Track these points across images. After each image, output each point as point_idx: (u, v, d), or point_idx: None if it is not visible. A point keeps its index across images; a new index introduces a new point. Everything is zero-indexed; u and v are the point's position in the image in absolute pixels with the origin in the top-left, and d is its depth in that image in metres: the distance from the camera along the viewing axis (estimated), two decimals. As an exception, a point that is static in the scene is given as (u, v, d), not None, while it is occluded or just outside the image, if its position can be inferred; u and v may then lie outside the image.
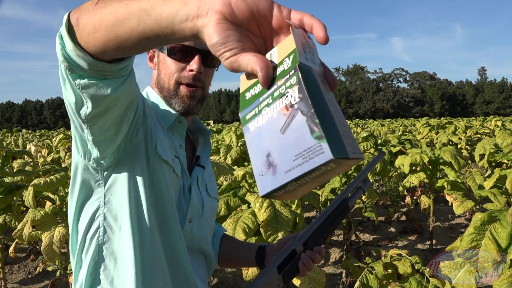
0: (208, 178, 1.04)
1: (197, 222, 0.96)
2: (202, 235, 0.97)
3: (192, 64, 0.90)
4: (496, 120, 11.35)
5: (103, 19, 0.52)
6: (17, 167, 4.05)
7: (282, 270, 0.89)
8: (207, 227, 0.99)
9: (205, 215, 0.98)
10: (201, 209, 0.97)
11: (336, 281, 3.62)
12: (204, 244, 0.99)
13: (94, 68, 0.59)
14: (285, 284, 0.90)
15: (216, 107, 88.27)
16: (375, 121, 30.59)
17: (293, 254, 0.91)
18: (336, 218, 0.97)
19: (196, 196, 0.96)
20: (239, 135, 4.43)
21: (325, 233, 0.97)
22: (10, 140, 10.82)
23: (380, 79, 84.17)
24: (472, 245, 1.58)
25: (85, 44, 0.56)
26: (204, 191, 1.00)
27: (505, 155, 3.57)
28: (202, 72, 0.91)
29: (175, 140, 0.94)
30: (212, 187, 1.04)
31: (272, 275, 0.87)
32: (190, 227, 0.93)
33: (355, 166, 3.76)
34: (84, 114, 0.67)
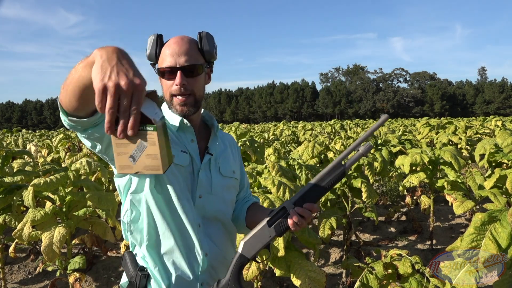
0: (222, 161, 1.30)
1: (207, 197, 1.22)
2: (214, 207, 1.24)
3: (176, 79, 1.14)
4: (496, 120, 11.35)
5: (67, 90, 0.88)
6: (17, 167, 4.05)
7: (272, 224, 1.08)
8: (218, 200, 1.25)
9: (214, 191, 1.24)
10: (209, 187, 1.23)
11: (336, 281, 3.62)
12: (219, 214, 1.26)
13: (84, 123, 0.95)
14: (277, 235, 1.09)
15: (216, 107, 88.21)
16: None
17: (284, 211, 1.09)
18: (330, 180, 1.07)
19: (204, 177, 1.22)
20: (239, 135, 4.43)
21: (317, 193, 1.08)
22: (10, 140, 10.81)
23: (380, 79, 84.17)
24: (472, 245, 1.58)
25: (70, 110, 0.91)
26: (216, 172, 1.26)
27: (505, 155, 3.56)
28: (185, 83, 1.14)
29: (187, 136, 1.23)
30: (226, 168, 1.30)
31: (262, 227, 1.09)
32: (201, 201, 1.21)
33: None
34: (98, 151, 1.08)
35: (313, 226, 4.98)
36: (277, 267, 2.13)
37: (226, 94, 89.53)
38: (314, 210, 1.08)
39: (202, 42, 1.17)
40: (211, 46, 1.18)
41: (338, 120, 22.56)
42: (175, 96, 1.16)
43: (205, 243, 1.21)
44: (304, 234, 2.41)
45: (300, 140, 9.45)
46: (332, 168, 1.07)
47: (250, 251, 1.09)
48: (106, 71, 0.76)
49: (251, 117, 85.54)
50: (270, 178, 2.40)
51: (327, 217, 3.12)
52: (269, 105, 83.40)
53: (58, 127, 45.62)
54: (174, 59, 1.14)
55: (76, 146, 6.98)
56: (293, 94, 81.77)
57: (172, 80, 1.15)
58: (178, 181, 1.16)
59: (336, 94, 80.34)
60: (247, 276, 2.05)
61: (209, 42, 1.18)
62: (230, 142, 1.41)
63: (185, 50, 1.15)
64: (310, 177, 3.49)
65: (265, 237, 1.08)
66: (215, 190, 1.24)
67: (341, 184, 3.47)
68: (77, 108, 0.90)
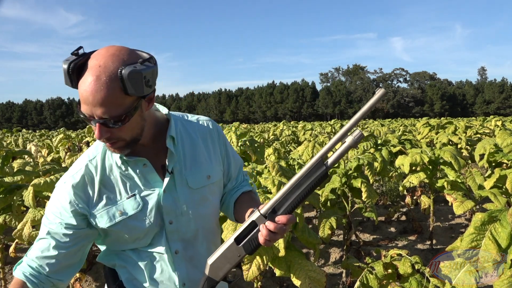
0: (191, 170, 1.14)
1: (178, 220, 1.12)
2: (190, 227, 1.14)
3: (95, 132, 0.96)
4: (496, 120, 11.35)
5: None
6: (17, 167, 4.05)
7: (241, 241, 0.94)
8: (193, 219, 1.13)
9: (185, 211, 1.12)
10: (177, 209, 1.11)
11: (336, 281, 3.62)
12: (198, 231, 1.16)
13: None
14: (248, 254, 0.96)
15: (216, 107, 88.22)
16: (375, 121, 30.59)
17: (254, 226, 0.93)
18: (309, 184, 0.88)
19: (169, 201, 1.10)
20: (239, 135, 4.43)
21: (293, 201, 0.90)
22: (10, 140, 10.81)
23: (380, 79, 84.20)
24: (472, 245, 1.58)
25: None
26: (183, 188, 1.12)
27: (505, 155, 3.57)
28: (108, 135, 0.96)
29: (137, 164, 1.07)
30: (196, 178, 1.14)
31: (230, 246, 0.95)
32: (174, 227, 1.11)
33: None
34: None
35: (313, 226, 4.98)
36: (277, 267, 2.13)
37: (226, 94, 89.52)
38: (290, 222, 0.91)
39: (126, 86, 0.90)
40: (139, 86, 0.91)
41: (338, 120, 22.57)
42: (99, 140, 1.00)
43: (183, 271, 1.13)
44: (304, 234, 2.41)
45: (300, 140, 9.44)
46: (311, 168, 0.88)
47: (217, 273, 0.98)
48: None
49: (251, 117, 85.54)
50: (270, 178, 2.40)
51: (327, 217, 3.12)
52: (269, 105, 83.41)
53: (58, 127, 45.60)
54: (90, 108, 0.92)
55: (76, 146, 6.98)
56: (293, 94, 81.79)
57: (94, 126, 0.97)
58: (137, 227, 1.07)
59: (336, 94, 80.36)
60: (247, 277, 2.05)
61: (136, 83, 0.90)
62: (203, 132, 1.20)
63: (101, 99, 0.89)
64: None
65: (233, 256, 0.96)
66: (185, 210, 1.12)
67: (341, 184, 3.47)
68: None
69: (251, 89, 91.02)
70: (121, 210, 1.06)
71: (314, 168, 0.88)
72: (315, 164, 0.88)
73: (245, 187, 1.29)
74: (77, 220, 1.04)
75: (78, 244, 1.07)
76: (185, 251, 1.14)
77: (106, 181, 1.07)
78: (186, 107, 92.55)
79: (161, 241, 1.11)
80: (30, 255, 1.06)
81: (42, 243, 1.05)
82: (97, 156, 1.09)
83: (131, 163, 1.07)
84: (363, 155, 4.13)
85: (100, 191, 1.06)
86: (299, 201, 0.90)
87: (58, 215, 1.05)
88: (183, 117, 1.22)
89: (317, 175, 0.88)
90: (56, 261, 1.04)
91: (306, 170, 0.88)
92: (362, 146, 5.13)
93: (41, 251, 1.04)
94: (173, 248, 1.12)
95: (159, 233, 1.11)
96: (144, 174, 1.08)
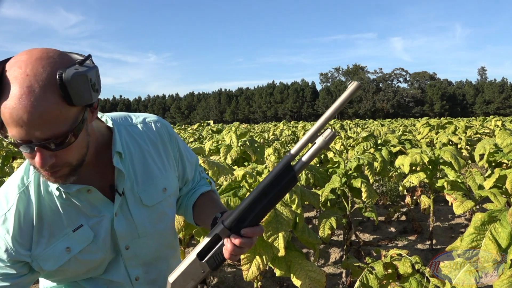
0: (144, 185, 0.99)
1: (135, 244, 0.99)
2: (149, 249, 1.02)
3: (36, 160, 0.76)
4: (496, 120, 11.34)
5: None
6: (17, 167, 4.05)
7: (204, 257, 0.85)
8: (152, 239, 1.02)
9: (142, 233, 0.99)
10: (134, 232, 0.98)
11: (336, 281, 3.62)
12: (160, 252, 1.06)
13: None
14: (213, 270, 0.87)
15: (216, 107, 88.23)
16: (375, 121, 30.59)
17: (218, 239, 0.85)
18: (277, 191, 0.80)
19: (122, 226, 0.96)
20: (239, 135, 4.42)
21: (260, 211, 0.81)
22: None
23: (380, 79, 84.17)
24: (472, 245, 1.58)
25: None
26: (138, 208, 0.98)
27: (505, 155, 3.57)
28: (53, 161, 0.77)
29: (80, 192, 0.89)
30: (148, 196, 0.99)
31: (192, 262, 0.85)
32: (131, 252, 0.99)
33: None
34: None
35: (313, 226, 4.98)
36: (277, 267, 2.13)
37: (226, 94, 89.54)
38: (256, 235, 0.82)
39: (69, 94, 0.71)
40: (85, 92, 0.74)
41: (338, 120, 22.56)
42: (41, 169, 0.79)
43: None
44: (304, 234, 2.41)
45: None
46: (277, 174, 0.79)
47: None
48: None
49: (251, 117, 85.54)
50: (270, 178, 2.39)
51: (327, 217, 3.12)
52: (269, 105, 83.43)
53: (58, 127, 45.34)
54: (24, 131, 0.71)
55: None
56: (293, 94, 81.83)
57: (29, 153, 0.76)
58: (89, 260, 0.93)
59: (336, 94, 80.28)
60: (247, 277, 2.05)
61: (82, 88, 0.73)
62: (152, 138, 1.03)
63: (39, 117, 0.70)
64: (310, 177, 3.49)
65: (197, 273, 0.85)
66: (143, 231, 0.99)
67: (341, 184, 3.47)
68: None
69: (251, 89, 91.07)
70: (68, 246, 0.89)
71: (282, 174, 0.79)
72: (282, 170, 0.79)
73: (203, 187, 1.17)
74: (17, 269, 0.86)
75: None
76: (147, 275, 1.03)
77: (46, 214, 0.88)
78: (186, 107, 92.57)
79: (118, 269, 0.98)
80: None
81: None
82: (30, 184, 0.88)
83: (72, 195, 0.88)
84: (363, 155, 4.13)
85: (39, 228, 0.87)
86: (266, 210, 0.82)
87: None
88: (126, 121, 1.02)
89: (285, 181, 0.79)
90: None
91: (273, 177, 0.79)
92: (362, 146, 5.13)
93: None
94: (133, 275, 1.01)
95: (115, 259, 0.98)
96: (90, 200, 0.91)
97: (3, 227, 0.84)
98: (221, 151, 4.02)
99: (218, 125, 15.20)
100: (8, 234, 0.84)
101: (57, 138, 0.74)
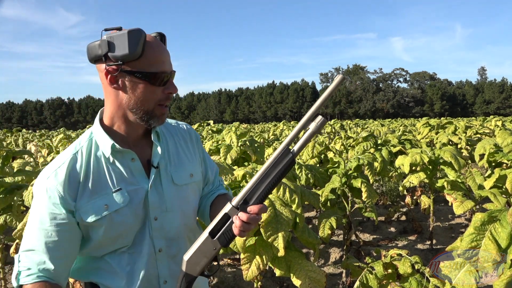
0: (175, 167, 1.15)
1: (163, 217, 1.11)
2: (174, 224, 1.13)
3: (170, 87, 1.04)
4: (496, 120, 11.34)
5: None
6: (17, 167, 4.05)
7: (215, 235, 0.96)
8: (177, 216, 1.14)
9: (170, 207, 1.12)
10: (163, 205, 1.11)
11: (336, 281, 3.62)
12: (181, 229, 1.15)
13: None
14: (223, 246, 0.97)
15: (216, 107, 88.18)
16: (375, 121, 30.58)
17: (227, 218, 0.95)
18: (277, 172, 0.91)
19: (155, 197, 1.09)
20: (239, 135, 4.42)
21: (263, 190, 0.93)
22: (10, 140, 10.81)
23: (380, 79, 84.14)
24: (472, 245, 1.58)
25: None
26: (168, 185, 1.12)
27: (505, 155, 3.56)
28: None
29: (125, 158, 1.07)
30: (180, 175, 1.15)
31: (205, 241, 0.96)
32: (159, 223, 1.10)
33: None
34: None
35: (313, 226, 4.98)
36: (277, 267, 2.13)
37: (226, 94, 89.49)
38: (262, 212, 0.95)
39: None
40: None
41: (338, 120, 22.56)
42: (162, 105, 1.05)
43: (165, 269, 1.12)
44: (304, 234, 2.41)
45: (300, 140, 9.42)
46: (277, 157, 0.91)
47: (195, 268, 0.99)
48: None
49: (251, 117, 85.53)
50: (270, 178, 2.39)
51: (327, 217, 3.12)
52: (269, 105, 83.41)
53: (58, 127, 45.49)
54: (168, 63, 1.03)
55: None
56: (293, 94, 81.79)
57: (162, 87, 1.03)
58: (122, 222, 1.05)
59: (336, 94, 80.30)
60: (247, 276, 2.05)
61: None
62: (184, 137, 1.24)
63: (168, 54, 1.05)
64: (310, 177, 3.49)
65: (209, 250, 0.97)
66: (170, 206, 1.12)
67: (341, 184, 3.47)
68: None
69: (251, 89, 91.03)
70: (107, 203, 1.02)
71: (281, 156, 0.91)
72: (282, 153, 0.91)
73: (220, 190, 1.31)
74: (68, 216, 1.01)
75: (73, 242, 1.04)
76: (169, 249, 1.13)
77: (92, 174, 1.04)
78: (186, 107, 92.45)
79: (144, 240, 1.09)
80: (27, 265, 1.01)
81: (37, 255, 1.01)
82: (83, 148, 1.06)
83: (120, 154, 1.06)
84: (363, 155, 4.13)
85: (85, 184, 1.03)
86: (269, 190, 0.93)
87: (48, 215, 1.00)
88: None
89: (284, 163, 0.91)
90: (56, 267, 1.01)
91: (273, 159, 0.91)
92: (362, 146, 5.13)
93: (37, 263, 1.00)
94: (157, 246, 1.11)
95: (142, 231, 1.09)
96: (131, 168, 1.07)
97: (55, 179, 1.01)
98: (221, 151, 4.02)
99: (218, 125, 15.19)
100: (60, 185, 1.01)
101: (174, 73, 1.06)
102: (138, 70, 0.98)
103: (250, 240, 2.17)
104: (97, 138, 1.07)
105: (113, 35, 0.96)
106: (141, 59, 0.97)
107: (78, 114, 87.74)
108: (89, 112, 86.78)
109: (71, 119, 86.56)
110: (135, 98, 1.02)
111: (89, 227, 1.04)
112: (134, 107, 1.03)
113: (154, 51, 0.99)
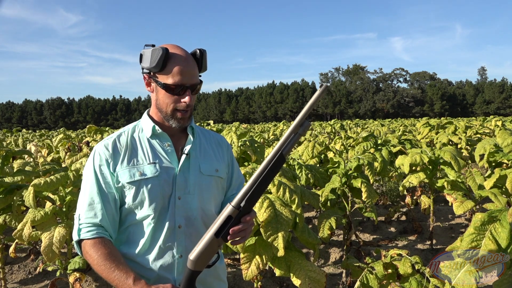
0: (203, 159, 1.36)
1: (185, 197, 1.29)
2: (193, 205, 1.30)
3: (186, 98, 1.25)
4: (496, 120, 11.33)
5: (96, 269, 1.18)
6: (17, 167, 4.05)
7: (219, 234, 1.08)
8: (197, 199, 1.31)
9: (192, 190, 1.30)
10: (186, 187, 1.29)
11: (336, 281, 3.62)
12: (199, 212, 1.31)
13: None
14: (226, 242, 1.10)
15: (216, 107, 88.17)
16: (375, 121, 30.58)
17: (230, 219, 1.08)
18: (273, 173, 1.06)
19: (181, 178, 1.29)
20: (239, 135, 4.42)
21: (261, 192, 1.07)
22: (10, 140, 10.80)
23: (380, 79, 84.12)
24: (472, 245, 1.58)
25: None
26: (195, 171, 1.32)
27: (505, 155, 3.56)
28: (192, 101, 1.26)
29: (162, 142, 1.32)
30: (207, 166, 1.35)
31: (210, 240, 1.08)
32: (181, 202, 1.28)
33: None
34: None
35: (313, 226, 4.98)
36: (277, 267, 2.13)
37: (226, 94, 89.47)
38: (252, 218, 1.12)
39: (202, 62, 1.28)
40: (206, 65, 1.30)
41: (338, 120, 22.55)
42: (179, 111, 1.27)
43: (182, 244, 1.28)
44: (304, 234, 2.41)
45: (300, 140, 9.45)
46: (270, 159, 1.05)
47: (201, 266, 1.09)
48: None
49: (251, 117, 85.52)
50: (270, 178, 2.39)
51: (327, 217, 3.12)
52: (269, 105, 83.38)
53: (58, 127, 45.48)
54: (185, 77, 1.22)
55: (76, 146, 6.97)
56: (293, 94, 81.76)
57: (179, 96, 1.24)
58: (151, 189, 1.25)
59: (336, 94, 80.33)
60: (246, 276, 2.05)
61: (205, 61, 1.29)
62: (217, 142, 1.46)
63: (193, 68, 1.25)
64: (310, 177, 3.49)
65: (214, 248, 1.09)
66: (192, 189, 1.30)
67: (341, 184, 3.47)
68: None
69: (251, 89, 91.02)
70: (141, 171, 1.25)
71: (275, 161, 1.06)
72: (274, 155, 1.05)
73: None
74: (111, 177, 1.25)
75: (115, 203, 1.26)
76: (187, 228, 1.28)
77: (133, 148, 1.29)
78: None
79: (167, 214, 1.26)
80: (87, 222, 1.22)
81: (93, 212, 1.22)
82: (129, 130, 1.34)
83: (159, 137, 1.31)
84: (363, 155, 4.13)
85: (126, 154, 1.28)
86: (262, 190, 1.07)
87: (99, 169, 1.25)
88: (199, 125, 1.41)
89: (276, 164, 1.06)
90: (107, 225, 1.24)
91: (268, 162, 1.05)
92: (362, 146, 5.13)
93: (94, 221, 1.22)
94: (178, 222, 1.27)
95: (166, 207, 1.26)
96: (167, 151, 1.30)
97: (104, 147, 1.29)
98: (221, 151, 4.01)
99: (218, 125, 15.19)
100: (107, 151, 1.28)
101: (196, 85, 1.27)
102: (159, 80, 1.23)
103: (250, 240, 2.17)
104: (143, 124, 1.34)
105: (144, 50, 1.23)
106: (163, 71, 1.22)
107: (78, 114, 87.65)
108: (89, 112, 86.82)
109: (71, 119, 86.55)
110: (159, 101, 1.27)
111: (123, 190, 1.25)
112: (159, 107, 1.29)
113: (173, 66, 1.21)
